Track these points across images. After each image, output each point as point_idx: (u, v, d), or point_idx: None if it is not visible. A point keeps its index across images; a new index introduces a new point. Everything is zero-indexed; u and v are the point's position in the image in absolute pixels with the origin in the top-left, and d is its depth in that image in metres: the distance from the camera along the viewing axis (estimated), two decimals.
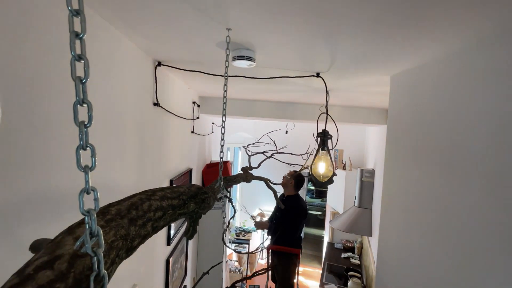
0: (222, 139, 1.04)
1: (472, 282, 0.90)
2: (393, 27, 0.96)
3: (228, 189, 1.27)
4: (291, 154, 2.25)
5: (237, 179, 1.40)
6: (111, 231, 0.39)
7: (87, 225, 0.34)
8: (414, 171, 1.41)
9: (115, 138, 1.29)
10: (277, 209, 3.44)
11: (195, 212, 0.65)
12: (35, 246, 0.46)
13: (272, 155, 2.08)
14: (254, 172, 1.66)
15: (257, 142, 2.63)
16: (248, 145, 2.37)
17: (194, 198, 0.65)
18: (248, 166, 1.65)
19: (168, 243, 2.29)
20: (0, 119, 0.60)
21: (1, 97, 0.69)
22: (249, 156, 1.96)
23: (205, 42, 1.28)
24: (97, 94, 1.10)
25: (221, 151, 1.05)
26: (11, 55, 0.73)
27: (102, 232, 0.35)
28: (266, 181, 1.55)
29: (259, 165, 1.85)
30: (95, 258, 0.35)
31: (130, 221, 0.42)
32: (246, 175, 1.48)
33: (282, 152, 2.25)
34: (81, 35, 0.40)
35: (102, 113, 1.16)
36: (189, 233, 0.68)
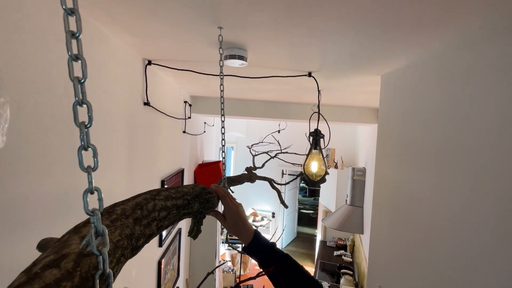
0: (223, 139, 1.05)
1: (462, 279, 0.93)
2: (382, 27, 0.99)
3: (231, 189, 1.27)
4: (296, 154, 2.26)
5: (241, 179, 1.40)
6: (117, 230, 0.40)
7: (92, 224, 0.35)
8: (405, 169, 1.45)
9: (103, 139, 1.28)
10: None
11: (199, 212, 0.65)
12: (42, 245, 0.46)
13: (276, 155, 2.08)
14: (258, 172, 1.66)
15: (261, 142, 2.63)
16: (252, 145, 2.37)
17: (198, 198, 0.66)
18: (252, 166, 1.66)
19: (160, 245, 2.27)
20: (8, 120, 0.60)
21: (11, 98, 0.69)
22: (253, 156, 1.96)
23: (196, 41, 1.27)
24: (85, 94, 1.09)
25: (223, 151, 1.06)
26: (18, 55, 0.73)
27: (107, 231, 0.35)
28: (270, 181, 1.56)
29: (263, 165, 1.86)
30: (100, 257, 0.35)
31: (135, 220, 0.43)
32: (250, 175, 1.48)
33: (287, 152, 2.25)
34: (77, 35, 0.40)
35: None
36: (194, 233, 0.68)
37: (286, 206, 1.79)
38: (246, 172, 1.56)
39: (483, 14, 0.81)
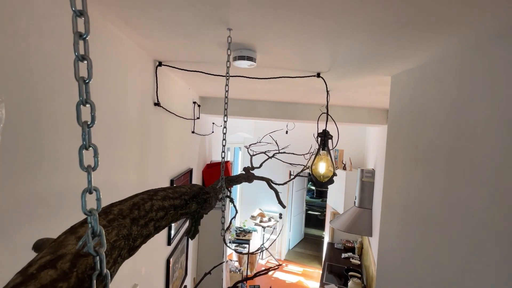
0: (224, 139, 1.04)
1: (472, 282, 0.90)
2: (393, 27, 0.97)
3: (229, 189, 1.27)
4: (293, 154, 2.26)
5: (239, 179, 1.40)
6: (113, 231, 0.39)
7: (89, 224, 0.35)
8: (415, 171, 1.41)
9: (115, 138, 1.30)
10: None
11: (197, 212, 0.65)
12: (38, 246, 0.46)
13: (274, 155, 2.08)
14: (256, 172, 1.66)
15: (259, 142, 2.62)
16: (250, 145, 2.38)
17: (196, 198, 0.65)
18: (250, 166, 1.66)
19: (169, 243, 2.29)
20: (3, 119, 0.60)
21: (5, 97, 0.69)
22: (251, 156, 1.96)
23: (206, 42, 1.28)
24: (97, 94, 1.11)
25: (223, 151, 1.05)
26: (14, 55, 0.73)
27: (104, 232, 0.35)
28: (268, 181, 1.55)
29: (261, 165, 1.86)
30: (97, 257, 0.35)
31: (132, 221, 0.42)
32: (248, 175, 1.48)
33: (284, 152, 2.26)
34: (84, 36, 0.41)
35: (103, 113, 1.17)
36: (191, 233, 0.68)
37: (284, 206, 1.79)
38: (244, 172, 1.55)
39: (499, 12, 0.78)
